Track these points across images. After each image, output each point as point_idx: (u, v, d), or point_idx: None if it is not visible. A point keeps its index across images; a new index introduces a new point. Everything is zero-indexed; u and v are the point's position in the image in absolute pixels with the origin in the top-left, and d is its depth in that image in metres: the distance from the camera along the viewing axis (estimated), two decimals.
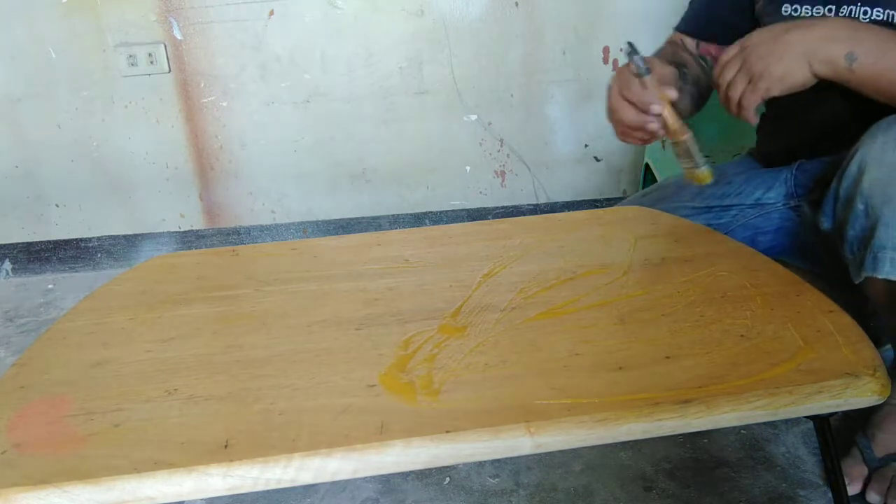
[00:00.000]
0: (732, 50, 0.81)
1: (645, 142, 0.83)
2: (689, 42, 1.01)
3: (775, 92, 0.78)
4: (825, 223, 0.80)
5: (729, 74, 0.80)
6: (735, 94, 0.80)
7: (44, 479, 0.46)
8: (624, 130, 0.83)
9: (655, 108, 0.78)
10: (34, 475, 0.47)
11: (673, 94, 0.79)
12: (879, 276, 0.71)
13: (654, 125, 0.79)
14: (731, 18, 0.98)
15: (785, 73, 0.77)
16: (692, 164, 0.81)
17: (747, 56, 0.79)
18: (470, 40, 1.74)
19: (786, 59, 0.76)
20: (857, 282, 0.75)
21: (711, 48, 1.00)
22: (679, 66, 0.94)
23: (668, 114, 0.79)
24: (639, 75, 0.77)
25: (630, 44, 0.79)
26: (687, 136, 0.80)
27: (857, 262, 0.74)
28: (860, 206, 0.73)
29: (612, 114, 0.82)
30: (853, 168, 0.74)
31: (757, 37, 0.79)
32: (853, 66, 0.74)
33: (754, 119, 0.81)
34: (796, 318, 0.60)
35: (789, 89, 0.78)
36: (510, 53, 1.76)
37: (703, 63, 1.01)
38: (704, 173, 0.81)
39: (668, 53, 1.00)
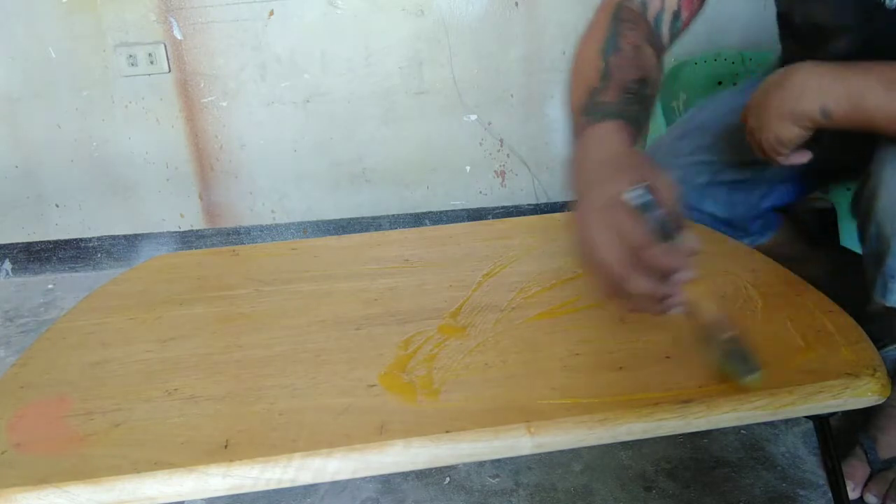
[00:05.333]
0: (744, 115, 0.80)
1: (650, 312, 0.55)
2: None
3: (786, 152, 0.76)
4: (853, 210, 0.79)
5: (752, 139, 0.80)
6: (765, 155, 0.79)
7: (44, 479, 0.46)
8: (633, 304, 0.55)
9: (684, 276, 0.53)
10: (34, 475, 0.47)
11: (694, 262, 0.54)
12: (888, 305, 0.71)
13: (678, 300, 0.54)
14: None
15: (778, 137, 0.75)
16: (738, 368, 0.53)
17: (750, 125, 0.78)
18: (470, 40, 1.74)
19: (772, 124, 0.74)
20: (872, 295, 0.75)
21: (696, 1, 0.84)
22: (641, 86, 0.72)
23: (702, 301, 0.55)
24: (664, 237, 0.53)
25: (648, 189, 0.54)
26: (728, 336, 0.53)
27: (870, 282, 0.74)
28: (873, 231, 0.72)
29: (610, 283, 0.54)
30: (870, 187, 0.73)
31: (752, 100, 0.78)
32: (831, 119, 0.71)
33: (798, 158, 0.77)
34: (796, 318, 0.60)
35: (796, 145, 0.75)
36: (510, 53, 1.76)
37: (670, 31, 0.82)
38: (754, 381, 0.52)
39: (626, 61, 0.73)
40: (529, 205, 1.91)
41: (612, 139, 0.64)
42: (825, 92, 0.70)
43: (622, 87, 0.70)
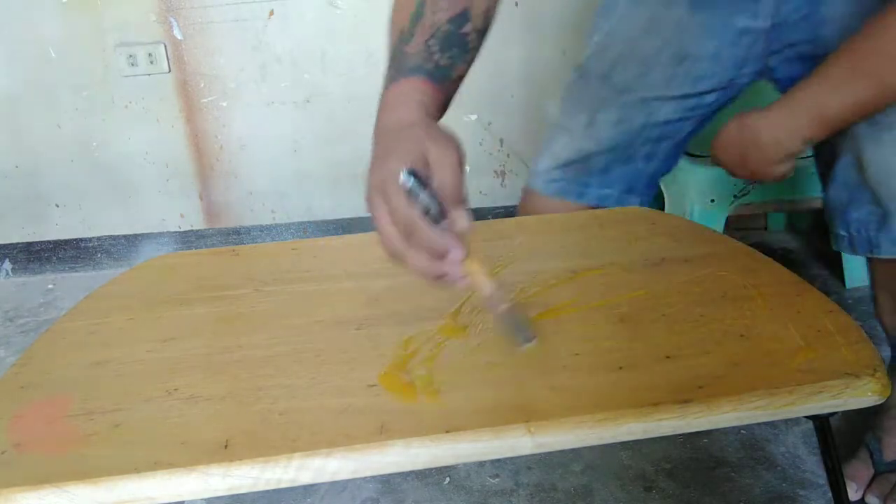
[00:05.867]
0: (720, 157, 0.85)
1: (433, 285, 0.58)
2: None
3: (788, 175, 0.83)
4: None
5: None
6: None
7: (44, 479, 0.46)
8: (415, 275, 0.57)
9: (456, 255, 0.55)
10: (34, 475, 0.47)
11: (467, 233, 0.56)
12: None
13: (458, 278, 0.56)
14: None
15: (776, 174, 0.82)
16: (513, 337, 0.58)
17: (738, 175, 0.85)
18: None
19: (767, 171, 0.81)
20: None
21: None
22: (456, 24, 0.69)
23: (478, 276, 0.56)
24: (429, 218, 0.54)
25: (413, 173, 0.54)
26: (504, 308, 0.58)
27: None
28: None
29: (393, 257, 0.58)
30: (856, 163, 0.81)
31: (726, 160, 0.84)
32: (815, 140, 0.78)
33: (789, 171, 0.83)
34: (796, 318, 0.60)
35: (792, 169, 0.83)
36: (510, 53, 1.76)
37: None
38: (529, 348, 0.58)
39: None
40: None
41: (408, 102, 0.63)
42: (794, 129, 0.77)
43: (431, 32, 0.67)
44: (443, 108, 0.67)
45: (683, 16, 0.89)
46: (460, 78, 0.70)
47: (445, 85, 0.67)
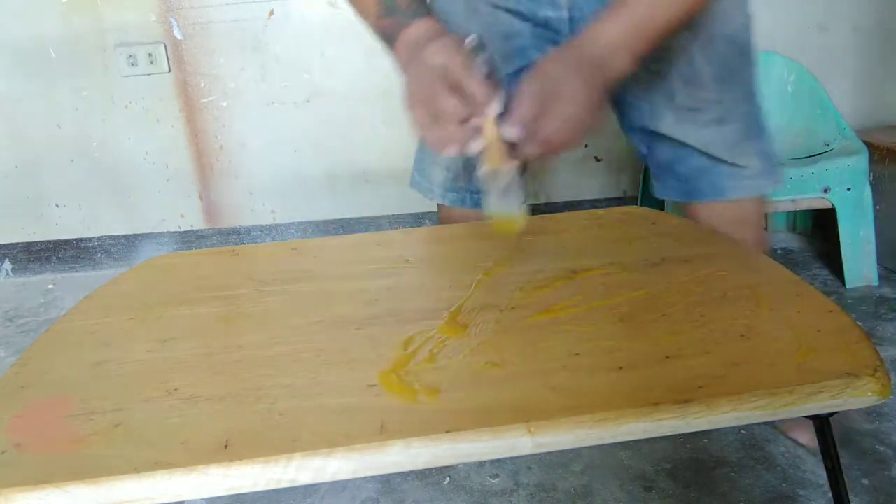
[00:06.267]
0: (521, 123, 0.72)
1: (448, 149, 0.67)
2: None
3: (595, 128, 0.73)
4: None
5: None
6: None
7: (44, 479, 0.46)
8: (434, 122, 0.67)
9: (494, 108, 0.64)
10: (34, 475, 0.47)
11: (498, 108, 0.66)
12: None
13: (477, 128, 0.66)
14: None
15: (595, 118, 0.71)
16: (507, 204, 0.65)
17: (541, 135, 0.69)
18: None
19: (585, 121, 0.70)
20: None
21: None
22: None
23: (494, 129, 0.64)
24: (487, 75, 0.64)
25: (480, 37, 0.67)
26: (511, 167, 0.64)
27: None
28: None
29: (424, 97, 0.66)
30: None
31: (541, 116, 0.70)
32: (636, 61, 0.72)
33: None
34: (796, 318, 0.60)
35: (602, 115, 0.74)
36: None
37: None
38: (517, 220, 0.66)
39: None
40: (530, 205, 1.91)
41: (429, 31, 0.74)
42: (631, 46, 0.71)
43: None
44: None
45: (494, 4, 0.93)
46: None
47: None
